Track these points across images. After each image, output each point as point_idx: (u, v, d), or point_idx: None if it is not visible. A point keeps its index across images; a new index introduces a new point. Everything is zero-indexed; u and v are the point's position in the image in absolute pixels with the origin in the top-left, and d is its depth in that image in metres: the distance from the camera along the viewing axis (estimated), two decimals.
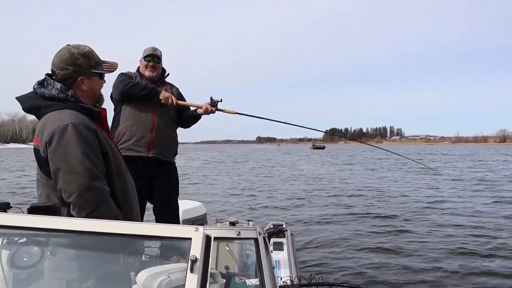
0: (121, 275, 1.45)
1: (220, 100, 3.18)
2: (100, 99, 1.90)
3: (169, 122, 3.19)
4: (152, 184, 3.10)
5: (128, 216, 1.78)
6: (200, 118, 3.29)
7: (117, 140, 2.97)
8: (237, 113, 3.27)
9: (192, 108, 3.28)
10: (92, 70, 1.80)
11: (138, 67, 3.22)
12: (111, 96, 3.12)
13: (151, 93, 3.01)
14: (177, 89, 3.32)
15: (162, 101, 3.03)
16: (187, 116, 3.29)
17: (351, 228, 7.32)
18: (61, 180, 1.61)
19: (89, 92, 1.82)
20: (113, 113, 3.15)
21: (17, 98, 1.77)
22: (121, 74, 3.08)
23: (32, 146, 1.78)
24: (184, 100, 3.28)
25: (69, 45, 1.80)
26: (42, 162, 1.68)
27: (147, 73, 3.13)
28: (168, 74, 3.27)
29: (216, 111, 3.19)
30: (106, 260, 1.39)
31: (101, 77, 1.86)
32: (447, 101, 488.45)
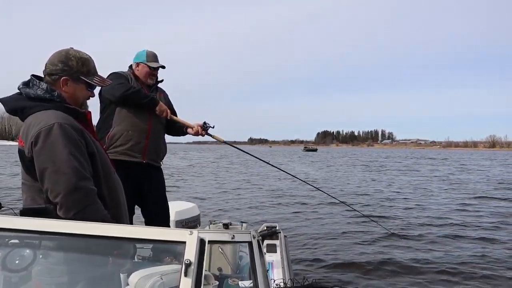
0: (114, 278, 1.44)
1: (212, 126, 3.27)
2: (81, 107, 1.88)
3: (162, 128, 3.22)
4: (142, 188, 3.10)
5: (116, 216, 1.77)
6: (186, 134, 3.36)
7: (110, 142, 2.96)
8: (225, 142, 3.40)
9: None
10: (81, 76, 1.79)
11: (131, 66, 3.18)
12: (100, 94, 3.04)
13: (150, 103, 3.02)
14: (167, 95, 3.36)
15: (157, 113, 3.06)
16: (176, 128, 3.34)
17: (345, 230, 7.32)
18: (47, 180, 1.59)
19: (70, 96, 1.80)
20: (99, 112, 3.09)
21: (0, 100, 1.75)
22: (117, 75, 3.02)
23: None
24: (173, 107, 3.33)
25: (72, 48, 1.81)
26: (27, 163, 1.66)
27: (149, 80, 3.14)
28: (162, 80, 3.27)
29: (205, 135, 3.27)
30: (100, 262, 1.38)
31: (89, 87, 1.84)
32: (438, 106, 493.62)
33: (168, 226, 3.29)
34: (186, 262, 1.09)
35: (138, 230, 1.16)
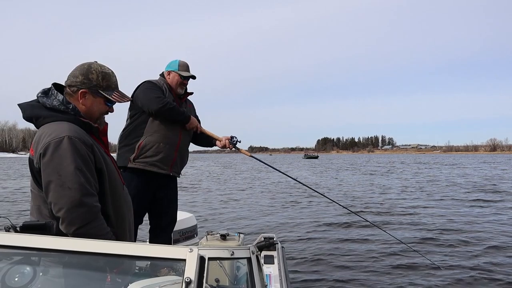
0: None
1: (239, 141, 3.36)
2: (97, 121, 1.87)
3: (189, 140, 3.31)
4: (158, 196, 3.17)
5: (119, 233, 1.77)
6: (213, 146, 3.46)
7: (141, 152, 3.00)
8: (252, 156, 3.49)
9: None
10: (99, 90, 1.79)
11: (163, 74, 3.21)
12: (133, 98, 3.03)
13: (183, 120, 3.10)
14: (194, 107, 3.45)
15: (187, 129, 3.14)
16: (205, 140, 3.41)
17: (343, 239, 7.28)
18: (52, 193, 1.60)
19: (87, 109, 1.80)
20: (129, 117, 3.10)
21: (19, 105, 1.77)
22: (152, 85, 3.06)
23: (22, 156, 1.77)
24: (199, 119, 3.39)
25: (96, 61, 1.83)
26: (35, 173, 1.67)
27: (179, 90, 3.18)
28: (192, 93, 3.33)
29: (232, 149, 3.35)
30: (99, 277, 1.39)
31: (107, 102, 1.83)
32: (438, 110, 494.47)
33: (171, 236, 3.38)
34: (186, 280, 1.09)
35: (138, 247, 1.17)
